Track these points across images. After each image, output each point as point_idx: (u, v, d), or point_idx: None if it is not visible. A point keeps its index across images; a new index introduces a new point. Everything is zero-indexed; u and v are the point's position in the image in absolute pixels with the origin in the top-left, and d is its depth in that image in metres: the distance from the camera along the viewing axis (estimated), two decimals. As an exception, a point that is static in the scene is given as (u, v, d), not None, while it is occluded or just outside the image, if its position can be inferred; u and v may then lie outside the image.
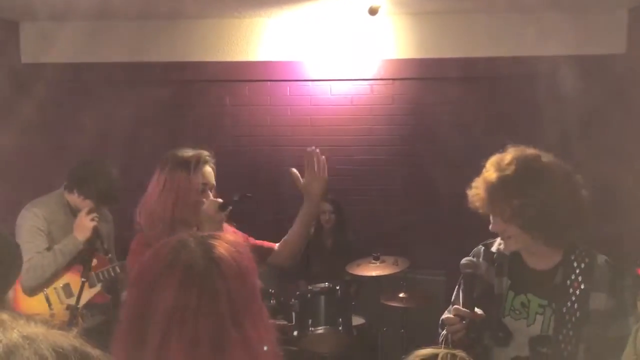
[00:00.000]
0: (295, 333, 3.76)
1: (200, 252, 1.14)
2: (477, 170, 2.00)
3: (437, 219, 4.38)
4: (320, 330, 3.72)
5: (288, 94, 5.02)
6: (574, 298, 1.88)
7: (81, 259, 2.87)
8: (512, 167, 1.89)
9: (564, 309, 1.89)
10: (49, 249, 2.98)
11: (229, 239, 1.21)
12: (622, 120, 4.40)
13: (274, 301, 3.93)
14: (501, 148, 2.00)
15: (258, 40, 4.93)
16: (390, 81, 4.92)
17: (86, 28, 4.73)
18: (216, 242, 1.18)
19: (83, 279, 2.77)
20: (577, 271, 1.91)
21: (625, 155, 4.25)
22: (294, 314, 3.83)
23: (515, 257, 2.03)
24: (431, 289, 4.09)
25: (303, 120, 5.02)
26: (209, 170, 2.29)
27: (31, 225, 3.03)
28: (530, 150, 1.96)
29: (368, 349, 4.23)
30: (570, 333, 1.88)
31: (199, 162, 2.25)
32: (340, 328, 3.73)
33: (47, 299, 3.02)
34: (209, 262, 1.13)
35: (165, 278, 1.12)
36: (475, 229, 2.37)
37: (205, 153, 2.30)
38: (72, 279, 3.11)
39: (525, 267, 2.01)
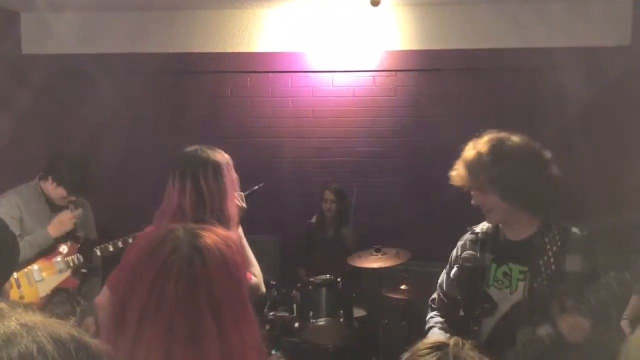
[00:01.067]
0: (296, 325, 3.77)
1: (185, 240, 1.14)
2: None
3: (439, 211, 4.36)
4: (321, 322, 3.72)
5: (290, 85, 5.00)
6: (552, 260, 2.06)
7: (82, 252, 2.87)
8: (487, 145, 2.12)
9: (542, 269, 2.06)
10: (20, 236, 3.00)
11: (220, 232, 1.21)
12: (627, 113, 4.37)
13: (276, 293, 3.94)
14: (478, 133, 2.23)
15: (259, 31, 4.90)
16: (393, 73, 4.90)
17: (87, 19, 4.71)
18: (204, 233, 1.18)
19: (83, 270, 2.75)
20: (553, 237, 2.10)
21: (629, 147, 4.23)
22: (295, 305, 3.84)
23: (496, 233, 2.24)
24: (432, 281, 4.06)
25: (305, 111, 5.00)
26: None
27: (4, 212, 3.04)
28: (503, 132, 2.19)
29: (369, 340, 4.23)
30: (547, 291, 2.04)
31: (229, 162, 2.25)
32: (341, 320, 3.74)
33: (17, 282, 3.10)
34: (193, 250, 1.12)
35: (147, 262, 1.12)
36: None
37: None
38: (42, 263, 3.21)
39: (506, 240, 2.20)
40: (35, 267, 3.19)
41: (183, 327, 1.06)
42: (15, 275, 3.06)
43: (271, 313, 3.81)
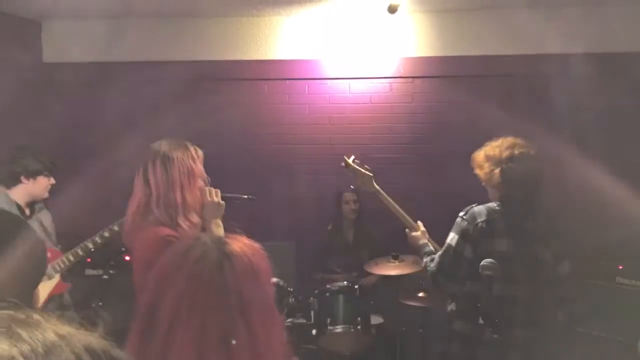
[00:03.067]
0: (313, 332, 3.76)
1: (213, 246, 1.17)
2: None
3: (457, 217, 4.34)
4: (338, 329, 3.71)
5: (307, 92, 5.02)
6: None
7: None
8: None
9: None
10: None
11: (245, 241, 1.24)
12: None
13: (293, 299, 3.94)
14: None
15: (277, 39, 4.93)
16: (410, 79, 4.89)
17: (107, 27, 4.77)
18: (231, 240, 1.21)
19: None
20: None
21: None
22: (312, 312, 3.83)
23: None
24: (450, 289, 4.06)
25: (321, 118, 5.01)
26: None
27: None
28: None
29: (386, 348, 4.21)
30: None
31: (197, 151, 2.34)
32: (358, 327, 3.73)
33: None
34: (222, 256, 1.16)
35: (177, 268, 1.14)
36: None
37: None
38: None
39: None
40: None
41: (215, 331, 1.08)
42: None
43: (288, 320, 3.81)
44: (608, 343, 3.87)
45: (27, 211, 3.28)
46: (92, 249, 3.39)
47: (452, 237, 2.74)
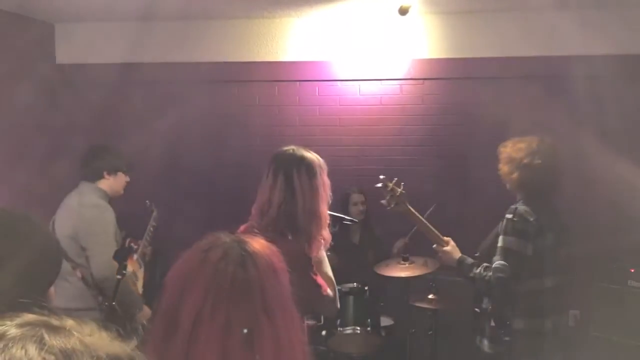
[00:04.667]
0: (323, 333, 3.77)
1: (235, 245, 1.20)
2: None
3: (469, 220, 4.32)
4: (348, 330, 3.72)
5: (317, 94, 5.03)
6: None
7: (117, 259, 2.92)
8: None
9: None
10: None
11: (262, 241, 1.26)
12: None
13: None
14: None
15: (287, 40, 4.94)
16: (421, 81, 4.88)
17: (119, 29, 4.81)
18: (249, 239, 1.23)
19: (118, 276, 2.80)
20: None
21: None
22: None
23: None
24: (461, 291, 4.03)
25: (332, 120, 5.02)
26: None
27: (113, 220, 3.33)
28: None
29: (396, 350, 4.21)
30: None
31: (322, 165, 2.30)
32: (368, 328, 3.73)
33: None
34: (244, 254, 1.18)
35: (200, 266, 1.16)
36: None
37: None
38: (130, 263, 3.36)
39: None
40: (131, 269, 3.35)
41: (239, 328, 1.10)
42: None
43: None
44: (620, 346, 3.85)
45: None
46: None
47: (508, 241, 2.82)
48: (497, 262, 2.83)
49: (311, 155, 2.25)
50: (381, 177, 3.14)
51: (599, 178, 4.34)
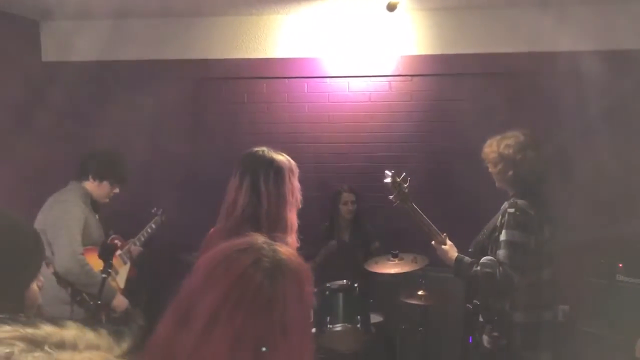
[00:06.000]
0: (313, 330, 3.76)
1: (269, 254, 1.16)
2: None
3: (457, 216, 4.33)
4: (338, 327, 3.72)
5: (306, 91, 5.01)
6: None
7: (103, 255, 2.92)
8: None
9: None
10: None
11: (296, 256, 1.23)
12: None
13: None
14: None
15: (275, 38, 4.92)
16: (409, 77, 4.89)
17: (105, 27, 4.76)
18: (286, 252, 1.20)
19: (104, 275, 2.80)
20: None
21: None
22: (312, 311, 3.83)
23: None
24: (450, 287, 4.05)
25: (321, 117, 5.01)
26: None
27: (79, 218, 3.31)
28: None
29: (386, 346, 4.22)
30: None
31: (296, 167, 2.26)
32: (358, 325, 3.73)
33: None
34: (275, 266, 1.14)
35: (227, 267, 1.13)
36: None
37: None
38: (116, 260, 3.49)
39: None
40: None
41: (252, 338, 1.07)
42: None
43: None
44: (608, 341, 3.87)
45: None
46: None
47: (512, 234, 2.83)
48: (485, 258, 2.85)
49: (282, 158, 2.19)
50: (388, 172, 3.11)
51: (581, 173, 4.37)
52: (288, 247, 1.24)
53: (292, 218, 2.14)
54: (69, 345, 0.64)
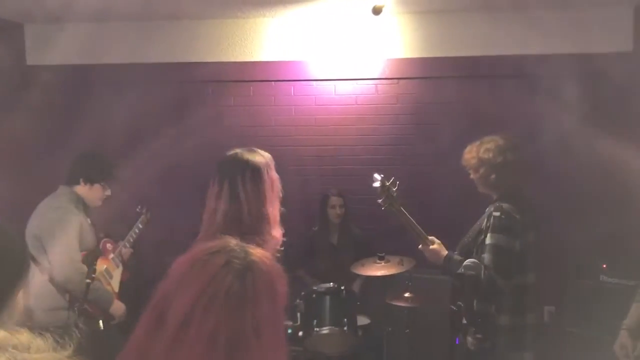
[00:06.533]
0: (300, 333, 3.75)
1: (241, 255, 1.17)
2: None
3: (442, 219, 4.35)
4: (325, 330, 3.71)
5: (292, 94, 5.02)
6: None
7: (86, 263, 2.90)
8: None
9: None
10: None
11: (269, 257, 1.24)
12: (628, 120, 4.37)
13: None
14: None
15: (262, 40, 4.92)
16: (395, 81, 4.91)
17: (90, 30, 4.75)
18: (258, 253, 1.22)
19: (87, 280, 2.78)
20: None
21: (631, 154, 4.22)
22: (299, 314, 3.82)
23: None
24: (436, 289, 4.07)
25: (308, 120, 5.01)
26: None
27: (77, 226, 3.28)
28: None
29: (373, 349, 4.22)
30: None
31: (272, 159, 2.26)
32: (345, 328, 3.73)
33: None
34: (246, 266, 1.15)
35: (202, 267, 1.14)
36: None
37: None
38: (105, 262, 3.49)
39: None
40: (104, 267, 3.42)
41: (226, 338, 1.08)
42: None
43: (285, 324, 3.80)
44: (593, 341, 3.90)
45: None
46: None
47: (497, 238, 2.84)
48: (468, 260, 2.87)
49: (256, 156, 2.20)
50: (377, 176, 3.12)
51: (564, 175, 4.43)
52: (264, 247, 1.25)
53: (275, 212, 2.15)
54: (22, 348, 0.65)
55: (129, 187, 3.86)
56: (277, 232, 2.14)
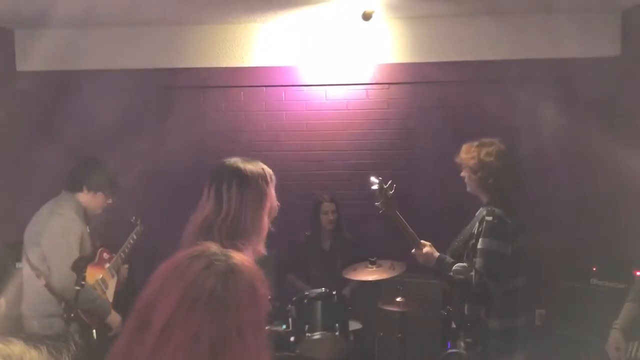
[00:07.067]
0: (292, 339, 3.75)
1: (222, 259, 1.19)
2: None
3: (433, 223, 4.36)
4: (317, 335, 3.71)
5: (283, 99, 5.02)
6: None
7: (76, 269, 2.87)
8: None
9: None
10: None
11: (249, 260, 1.26)
12: (617, 123, 4.41)
13: (271, 307, 3.91)
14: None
15: (253, 46, 4.93)
16: (386, 85, 4.93)
17: (80, 36, 4.73)
18: (238, 256, 1.23)
19: (77, 287, 2.76)
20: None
21: (619, 158, 4.25)
22: (290, 319, 3.82)
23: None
24: (428, 293, 4.08)
25: (298, 125, 5.02)
26: None
27: (77, 231, 3.26)
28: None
29: (365, 353, 4.22)
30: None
31: (272, 175, 2.22)
32: (337, 333, 3.73)
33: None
34: (228, 269, 1.17)
35: (183, 271, 1.16)
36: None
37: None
38: (100, 271, 3.46)
39: None
40: (100, 276, 3.40)
41: (208, 341, 1.09)
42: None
43: (266, 327, 3.79)
44: (584, 344, 3.92)
45: None
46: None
47: (490, 243, 2.84)
48: (457, 264, 2.89)
49: (251, 166, 2.15)
50: (375, 179, 3.14)
51: (553, 178, 4.46)
52: (243, 254, 1.26)
53: (261, 224, 2.12)
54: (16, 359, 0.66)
55: (122, 195, 3.85)
56: (260, 246, 2.11)
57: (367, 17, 4.32)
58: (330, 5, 4.32)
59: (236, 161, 2.15)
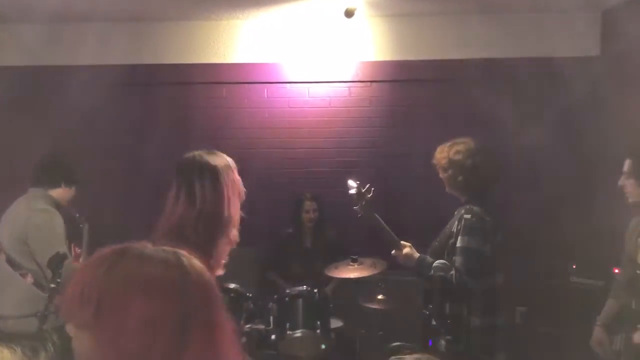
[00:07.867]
0: (273, 337, 3.73)
1: (176, 257, 1.16)
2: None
3: (415, 221, 4.37)
4: (298, 333, 3.69)
5: (265, 96, 5.00)
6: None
7: (51, 266, 2.82)
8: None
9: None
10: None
11: (197, 260, 1.22)
12: (597, 123, 4.44)
13: (252, 305, 3.89)
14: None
15: (235, 43, 4.90)
16: (368, 83, 4.93)
17: (58, 31, 4.67)
18: (188, 256, 1.20)
19: (52, 285, 2.70)
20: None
21: (599, 156, 4.29)
22: (271, 317, 3.80)
23: None
24: (409, 291, 4.07)
25: (281, 122, 4.99)
26: None
27: (61, 225, 3.23)
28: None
29: (346, 351, 4.21)
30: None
31: (233, 162, 2.19)
32: (318, 331, 3.72)
33: None
34: (181, 267, 1.14)
35: (138, 268, 1.12)
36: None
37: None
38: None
39: None
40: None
41: (166, 325, 1.07)
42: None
43: (247, 325, 3.76)
44: (564, 341, 3.95)
45: None
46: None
47: (468, 241, 2.86)
48: (438, 261, 2.89)
49: (216, 158, 2.13)
50: (353, 183, 3.13)
51: (532, 175, 4.49)
52: (224, 246, 1.24)
53: (235, 213, 2.11)
54: None
55: (94, 192, 3.80)
56: (234, 234, 2.10)
57: (349, 14, 4.31)
58: (312, 2, 4.31)
59: (201, 155, 2.13)
